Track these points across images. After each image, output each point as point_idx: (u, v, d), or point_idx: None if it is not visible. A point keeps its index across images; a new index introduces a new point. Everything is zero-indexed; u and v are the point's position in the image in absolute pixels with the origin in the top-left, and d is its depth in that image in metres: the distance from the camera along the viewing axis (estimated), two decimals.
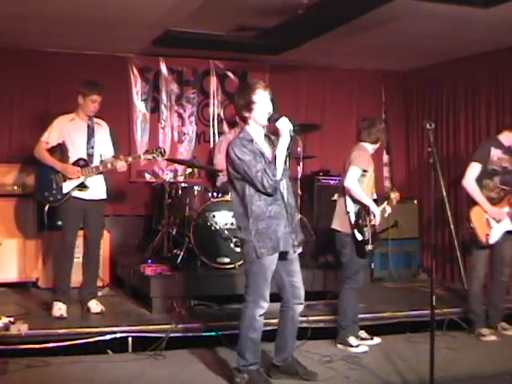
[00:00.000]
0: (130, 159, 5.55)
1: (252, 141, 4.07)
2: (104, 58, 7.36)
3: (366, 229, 4.95)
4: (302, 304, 4.31)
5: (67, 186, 5.39)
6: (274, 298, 4.33)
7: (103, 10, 5.58)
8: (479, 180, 5.42)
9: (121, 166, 5.47)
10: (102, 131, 5.63)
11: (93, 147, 5.48)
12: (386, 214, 5.18)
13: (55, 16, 5.73)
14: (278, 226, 4.08)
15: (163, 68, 7.64)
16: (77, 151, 5.44)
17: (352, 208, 4.99)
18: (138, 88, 7.59)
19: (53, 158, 5.44)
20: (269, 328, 5.13)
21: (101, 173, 5.50)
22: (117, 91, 7.43)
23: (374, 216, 4.96)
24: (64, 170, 5.37)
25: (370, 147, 5.21)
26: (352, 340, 5.07)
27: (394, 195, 5.15)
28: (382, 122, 5.34)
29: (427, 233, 7.73)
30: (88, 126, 5.51)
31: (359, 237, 4.94)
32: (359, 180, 5.01)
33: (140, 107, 7.61)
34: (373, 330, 5.34)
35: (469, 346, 5.27)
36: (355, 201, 4.99)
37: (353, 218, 4.97)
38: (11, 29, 6.16)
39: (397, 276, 7.41)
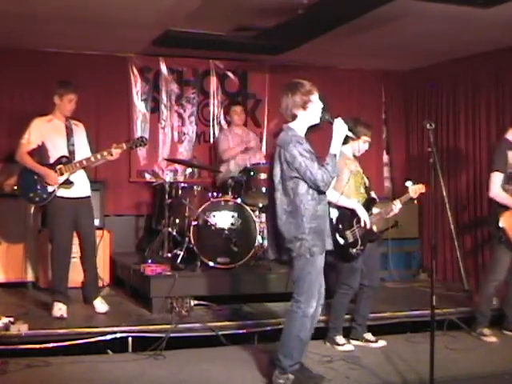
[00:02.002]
0: (113, 149, 5.41)
1: (303, 140, 4.16)
2: (104, 57, 7.36)
3: (348, 232, 4.90)
4: (323, 304, 4.35)
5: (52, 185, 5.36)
6: (279, 297, 4.33)
7: (103, 10, 5.59)
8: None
9: (117, 152, 5.40)
10: (80, 131, 5.60)
11: (73, 145, 5.44)
12: (397, 210, 5.11)
13: (55, 16, 5.73)
14: (325, 225, 4.18)
15: (163, 68, 7.64)
16: (58, 150, 5.39)
17: (334, 213, 4.94)
18: (138, 88, 7.59)
19: (33, 160, 5.37)
20: (269, 328, 5.18)
21: (84, 167, 5.46)
22: (117, 91, 7.45)
23: (359, 219, 4.89)
24: (46, 175, 5.30)
25: (345, 149, 5.05)
26: (338, 339, 5.10)
27: (414, 188, 5.07)
28: (360, 121, 5.15)
29: (427, 233, 7.73)
30: (66, 127, 5.47)
31: (341, 241, 4.89)
32: (335, 185, 4.94)
33: (140, 107, 7.62)
34: (373, 330, 5.34)
35: (469, 346, 5.26)
36: (336, 206, 4.92)
37: (334, 223, 4.90)
38: (11, 29, 6.16)
39: (397, 276, 7.41)
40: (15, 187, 6.55)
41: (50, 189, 5.35)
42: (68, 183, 5.37)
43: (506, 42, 6.56)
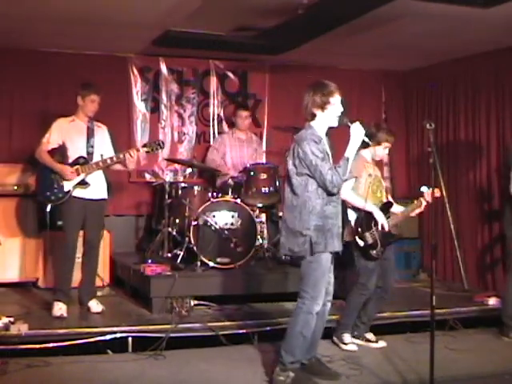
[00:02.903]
0: (130, 151, 5.49)
1: (320, 140, 4.17)
2: (104, 57, 7.35)
3: (367, 234, 4.95)
4: (331, 300, 4.39)
5: (68, 185, 5.42)
6: (278, 298, 4.33)
7: (103, 10, 5.58)
8: None
9: (132, 160, 5.46)
10: (102, 133, 5.68)
11: (92, 146, 5.52)
12: (417, 211, 5.15)
13: (55, 16, 5.73)
14: (332, 226, 4.18)
15: (163, 68, 7.64)
16: (76, 151, 5.48)
17: (352, 216, 5.02)
18: (138, 88, 7.58)
19: (53, 159, 5.46)
20: (269, 328, 5.18)
21: (101, 169, 5.51)
22: (117, 91, 7.43)
23: (377, 222, 4.94)
24: (62, 171, 5.39)
25: (365, 153, 5.14)
26: (345, 337, 5.11)
27: (429, 192, 4.95)
28: (383, 127, 5.22)
29: (427, 233, 7.73)
30: (88, 128, 5.56)
31: (361, 243, 4.96)
32: (354, 187, 4.98)
33: (140, 107, 7.61)
34: (373, 330, 5.34)
35: (469, 346, 5.26)
36: (355, 208, 4.99)
37: (353, 226, 4.98)
38: (12, 29, 6.16)
39: (397, 276, 7.38)
40: (15, 187, 6.58)
41: (66, 188, 5.42)
42: (84, 184, 5.44)
43: (506, 42, 6.55)
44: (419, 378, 4.38)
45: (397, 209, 5.27)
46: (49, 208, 5.75)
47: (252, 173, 6.41)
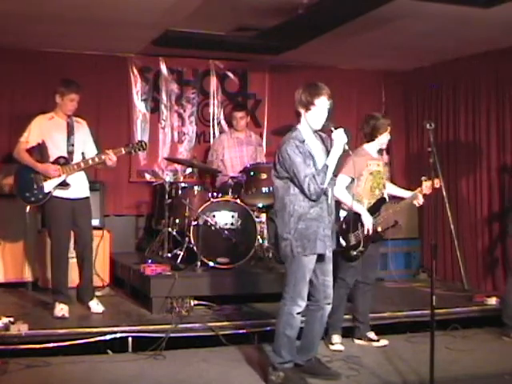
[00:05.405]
0: (110, 152, 5.40)
1: (303, 142, 4.14)
2: (104, 57, 7.36)
3: (351, 235, 4.91)
4: (330, 304, 4.37)
5: (48, 185, 5.33)
6: (278, 298, 4.33)
7: (103, 10, 5.59)
8: None
9: (110, 163, 5.38)
10: (83, 129, 5.58)
11: (73, 145, 5.43)
12: (420, 201, 5.10)
13: (55, 16, 5.73)
14: (317, 228, 4.15)
15: (163, 68, 7.64)
16: (57, 149, 5.39)
17: (342, 214, 4.99)
18: (138, 88, 7.59)
19: (32, 158, 5.37)
20: (269, 328, 5.18)
21: (82, 169, 5.45)
22: (117, 91, 7.46)
23: (363, 223, 4.89)
24: (44, 170, 5.31)
25: (370, 147, 5.12)
26: (333, 338, 5.11)
27: (428, 184, 4.94)
28: (377, 115, 5.13)
29: (427, 233, 7.73)
30: (67, 124, 5.46)
31: (343, 243, 4.92)
32: (349, 186, 4.92)
33: (140, 107, 7.61)
34: (373, 330, 5.33)
35: (469, 346, 5.27)
36: (345, 208, 4.96)
37: (339, 224, 4.92)
38: (11, 29, 6.16)
39: (397, 276, 7.41)
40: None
41: (46, 189, 5.34)
42: (65, 185, 5.36)
43: (506, 42, 6.55)
44: (419, 378, 4.39)
45: (399, 192, 5.29)
46: (28, 209, 5.71)
47: (252, 173, 6.41)
